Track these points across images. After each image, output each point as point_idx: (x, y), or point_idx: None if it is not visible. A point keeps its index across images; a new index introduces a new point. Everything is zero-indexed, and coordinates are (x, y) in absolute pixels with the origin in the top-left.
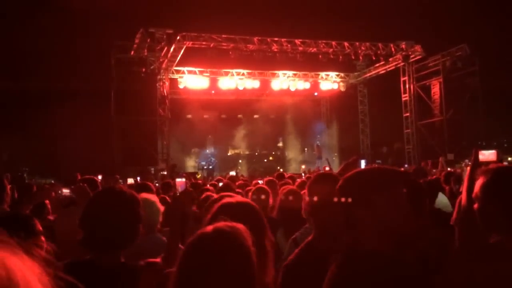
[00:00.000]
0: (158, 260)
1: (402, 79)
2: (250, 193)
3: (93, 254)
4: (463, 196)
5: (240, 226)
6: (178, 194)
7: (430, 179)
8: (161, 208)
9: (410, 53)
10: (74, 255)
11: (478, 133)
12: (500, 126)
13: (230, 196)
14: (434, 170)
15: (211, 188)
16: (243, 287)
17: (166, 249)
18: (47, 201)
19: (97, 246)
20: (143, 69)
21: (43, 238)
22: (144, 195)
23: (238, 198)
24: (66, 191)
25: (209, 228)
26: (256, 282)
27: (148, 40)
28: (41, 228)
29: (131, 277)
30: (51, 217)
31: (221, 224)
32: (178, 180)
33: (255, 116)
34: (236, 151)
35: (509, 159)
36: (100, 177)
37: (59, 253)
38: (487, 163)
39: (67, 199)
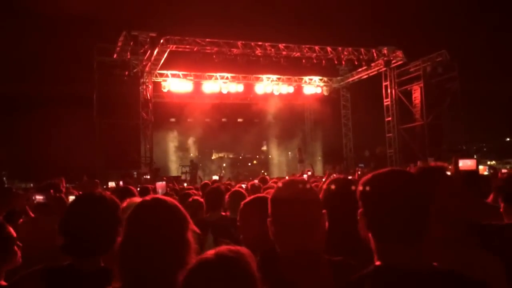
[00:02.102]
0: None
1: (384, 84)
2: (226, 197)
3: (73, 259)
4: None
5: (244, 250)
6: None
7: None
8: None
9: (391, 58)
10: (42, 261)
11: (458, 138)
12: (480, 130)
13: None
14: None
15: (197, 192)
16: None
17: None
18: (27, 207)
19: (77, 251)
20: (126, 72)
21: (17, 244)
22: (130, 200)
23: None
24: (39, 197)
25: (211, 253)
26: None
27: (131, 43)
28: (14, 234)
29: (111, 281)
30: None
31: (223, 248)
32: (158, 183)
33: (239, 120)
34: (220, 155)
35: (489, 163)
36: (63, 185)
37: (29, 259)
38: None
39: (40, 205)
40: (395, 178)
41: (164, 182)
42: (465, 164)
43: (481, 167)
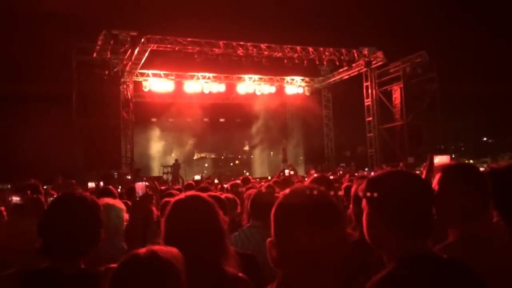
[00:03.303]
0: None
1: (364, 84)
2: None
3: (52, 261)
4: None
5: (175, 250)
6: (138, 199)
7: None
8: (124, 212)
9: (372, 59)
10: (20, 264)
11: (437, 137)
12: (458, 130)
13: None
14: None
15: (177, 192)
16: None
17: (126, 254)
18: (2, 208)
19: (57, 253)
20: (106, 72)
21: None
22: (106, 200)
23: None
24: (16, 198)
25: (143, 249)
26: None
27: (112, 42)
28: None
29: (92, 283)
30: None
31: (156, 246)
32: (138, 183)
33: (221, 120)
34: (202, 154)
35: (466, 162)
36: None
37: (3, 261)
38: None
39: (16, 206)
40: (404, 178)
41: (144, 183)
42: (441, 160)
43: None
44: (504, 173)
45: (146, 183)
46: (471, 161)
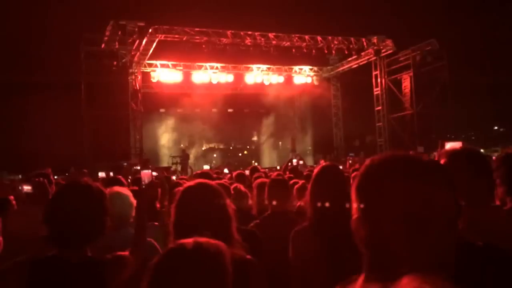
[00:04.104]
0: (126, 253)
1: (374, 73)
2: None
3: (59, 249)
4: None
5: (222, 244)
6: (143, 187)
7: None
8: (134, 201)
9: (381, 47)
10: (29, 252)
11: (447, 126)
12: (468, 119)
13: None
14: None
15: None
16: None
17: (133, 242)
18: (11, 197)
19: (63, 241)
20: (114, 62)
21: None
22: (116, 188)
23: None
24: (27, 187)
25: (190, 240)
26: None
27: (119, 33)
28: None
29: (99, 271)
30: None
31: (202, 239)
32: (144, 171)
33: (230, 110)
34: (211, 145)
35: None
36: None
37: (13, 250)
38: None
39: (27, 196)
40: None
41: (149, 171)
42: (453, 147)
43: None
44: None
45: (154, 173)
46: (482, 150)
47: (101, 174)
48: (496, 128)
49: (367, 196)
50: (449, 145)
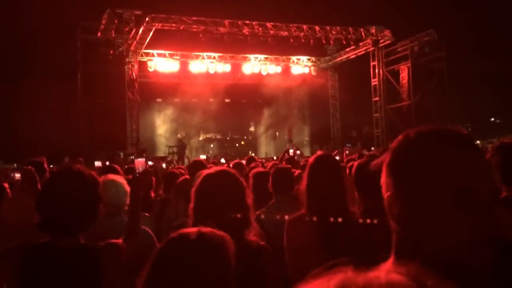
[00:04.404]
0: (119, 241)
1: (371, 63)
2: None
3: (52, 236)
4: None
5: (226, 235)
6: (137, 175)
7: None
8: (128, 189)
9: (379, 38)
10: (22, 239)
11: (444, 117)
12: (465, 110)
13: None
14: None
15: (181, 172)
16: None
17: (126, 229)
18: (5, 185)
19: (55, 228)
20: (111, 51)
21: None
22: (111, 176)
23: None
24: (18, 175)
25: (194, 229)
26: None
27: (116, 21)
28: None
29: (91, 257)
30: None
31: (206, 229)
32: (137, 160)
33: (227, 100)
34: (208, 135)
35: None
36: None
37: (5, 238)
38: None
39: (19, 183)
40: None
41: (143, 159)
42: None
43: None
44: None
45: (150, 162)
46: (478, 142)
47: (97, 163)
48: (492, 119)
49: (404, 170)
50: None
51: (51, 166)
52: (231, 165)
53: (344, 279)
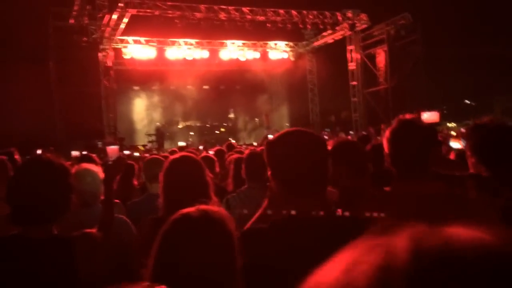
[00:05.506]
0: (93, 230)
1: (348, 48)
2: None
3: (23, 227)
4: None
5: (223, 210)
6: (110, 163)
7: (375, 144)
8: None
9: (356, 21)
10: None
11: (421, 100)
12: (441, 93)
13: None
14: (378, 137)
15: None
16: (225, 272)
17: (100, 218)
18: None
19: (26, 219)
20: (84, 38)
21: None
22: (86, 165)
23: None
24: None
25: (193, 209)
26: (237, 271)
27: (88, 7)
28: None
29: (65, 248)
30: None
31: (204, 206)
32: (109, 147)
33: (205, 87)
34: (187, 123)
35: (448, 124)
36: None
37: None
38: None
39: None
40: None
41: (116, 147)
42: (430, 116)
43: None
44: (486, 126)
45: (126, 151)
46: (453, 124)
47: (75, 153)
48: (467, 102)
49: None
50: (425, 115)
51: (27, 157)
52: (211, 152)
53: (419, 233)
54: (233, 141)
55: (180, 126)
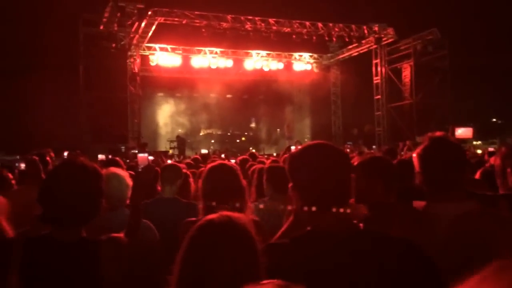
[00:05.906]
0: (120, 234)
1: (374, 61)
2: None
3: (53, 229)
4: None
5: (244, 216)
6: (140, 170)
7: (403, 159)
8: (130, 182)
9: (382, 35)
10: (26, 230)
11: (446, 117)
12: (468, 110)
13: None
14: (402, 153)
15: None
16: (250, 274)
17: (127, 223)
18: (10, 175)
19: (56, 221)
20: (113, 45)
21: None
22: (114, 169)
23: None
24: (23, 165)
25: (215, 215)
26: (261, 272)
27: (118, 15)
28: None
29: (92, 251)
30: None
31: (227, 212)
32: (140, 155)
33: (228, 96)
34: (208, 131)
35: (474, 143)
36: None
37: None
38: (464, 139)
39: (21, 173)
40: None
41: (146, 155)
42: (464, 132)
43: None
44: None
45: (150, 157)
46: (479, 142)
47: (101, 156)
48: (494, 120)
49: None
50: (460, 131)
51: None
52: (237, 160)
53: None
54: (254, 151)
55: (201, 133)
